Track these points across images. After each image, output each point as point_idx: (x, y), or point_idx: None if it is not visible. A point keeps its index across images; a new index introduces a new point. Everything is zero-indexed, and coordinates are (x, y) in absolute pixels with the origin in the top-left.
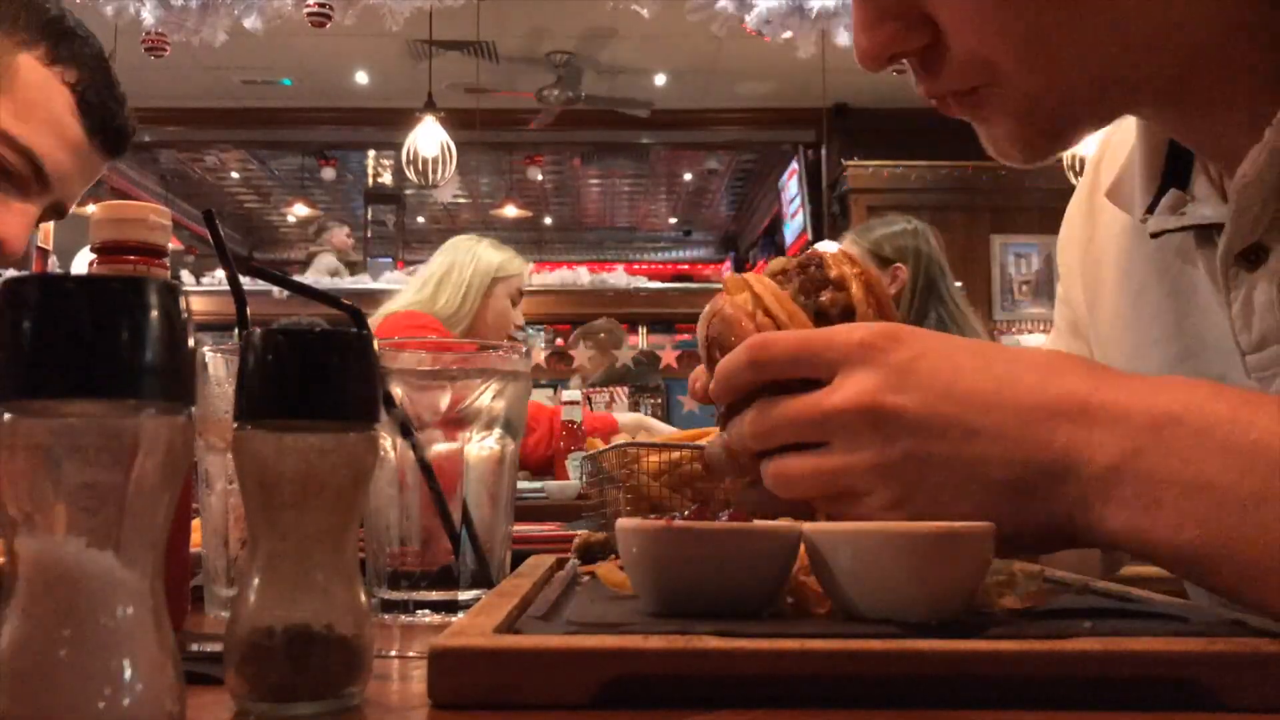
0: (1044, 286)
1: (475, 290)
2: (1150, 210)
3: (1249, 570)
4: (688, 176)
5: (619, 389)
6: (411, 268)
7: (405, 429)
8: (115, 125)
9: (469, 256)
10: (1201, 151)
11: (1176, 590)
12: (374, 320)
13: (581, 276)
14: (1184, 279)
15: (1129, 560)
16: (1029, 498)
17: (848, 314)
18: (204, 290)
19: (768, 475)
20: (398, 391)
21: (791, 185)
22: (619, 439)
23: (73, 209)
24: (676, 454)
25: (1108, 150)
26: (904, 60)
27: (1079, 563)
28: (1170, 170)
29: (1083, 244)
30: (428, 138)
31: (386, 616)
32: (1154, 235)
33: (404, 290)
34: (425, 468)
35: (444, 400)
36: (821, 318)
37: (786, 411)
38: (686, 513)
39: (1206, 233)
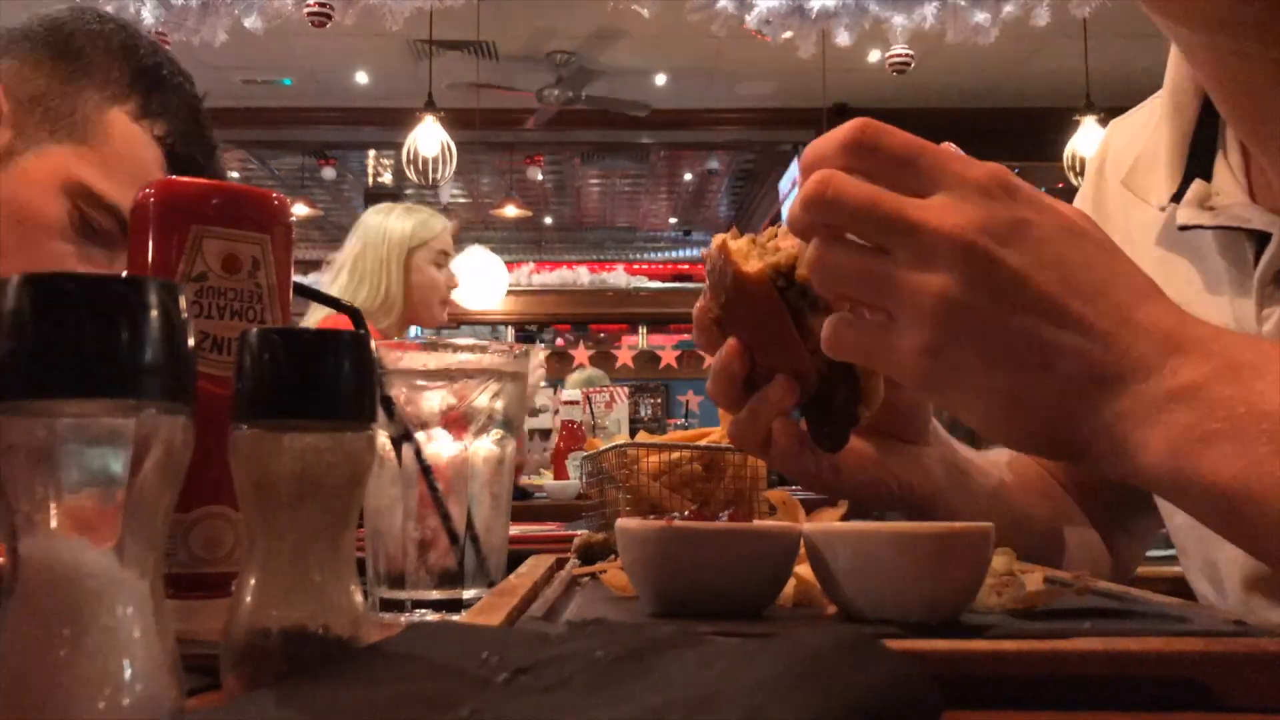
0: None
1: (395, 270)
2: (1176, 199)
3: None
4: (687, 176)
5: (619, 389)
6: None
7: (404, 429)
8: (202, 178)
9: (379, 235)
10: (1251, 141)
11: (1176, 590)
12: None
13: (581, 276)
14: (1198, 269)
15: (1141, 562)
16: (1078, 401)
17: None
18: None
19: (813, 254)
20: (397, 392)
21: (791, 184)
22: (618, 439)
23: None
24: (676, 454)
25: (1109, 151)
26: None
27: (1088, 564)
28: (1192, 159)
29: None
30: (428, 137)
31: (386, 616)
32: (1182, 229)
33: (321, 286)
34: (425, 468)
35: (443, 400)
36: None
37: (874, 199)
38: (686, 513)
39: (1233, 234)
